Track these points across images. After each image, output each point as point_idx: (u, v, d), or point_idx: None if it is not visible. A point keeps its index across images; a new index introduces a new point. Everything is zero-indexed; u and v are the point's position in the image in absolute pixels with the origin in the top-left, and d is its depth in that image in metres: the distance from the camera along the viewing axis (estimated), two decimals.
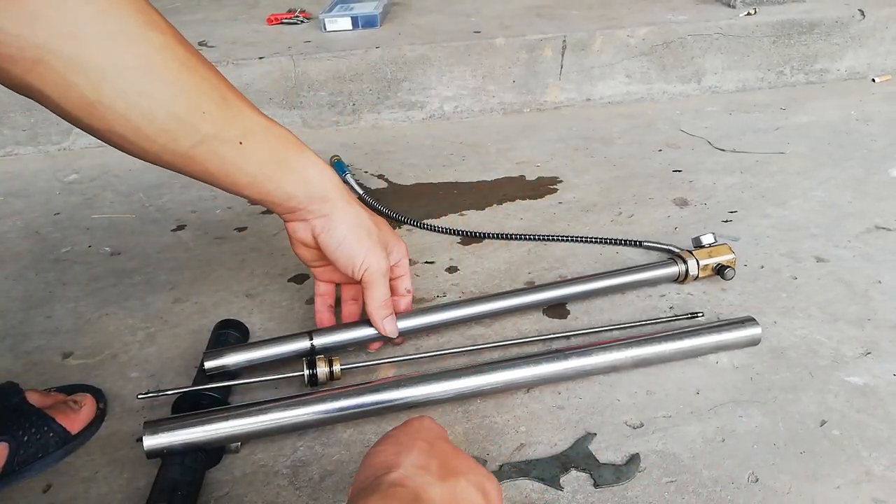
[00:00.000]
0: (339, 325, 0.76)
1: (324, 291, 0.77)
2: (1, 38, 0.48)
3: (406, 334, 0.77)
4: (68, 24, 0.49)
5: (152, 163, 0.60)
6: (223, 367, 0.70)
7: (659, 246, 0.94)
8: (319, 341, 0.73)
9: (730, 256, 0.86)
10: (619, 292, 0.85)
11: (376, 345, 0.77)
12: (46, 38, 0.49)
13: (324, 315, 0.77)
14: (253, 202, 0.74)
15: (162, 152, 0.58)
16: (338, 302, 0.78)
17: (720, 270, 0.85)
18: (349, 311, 0.77)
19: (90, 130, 0.56)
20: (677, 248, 0.90)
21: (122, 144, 0.57)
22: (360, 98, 1.40)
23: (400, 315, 0.75)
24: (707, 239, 0.87)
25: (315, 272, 0.75)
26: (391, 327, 0.73)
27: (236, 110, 0.59)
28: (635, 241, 0.95)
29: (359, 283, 0.70)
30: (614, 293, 0.85)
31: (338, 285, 0.77)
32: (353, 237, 0.67)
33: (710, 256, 0.86)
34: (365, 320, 0.74)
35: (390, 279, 0.72)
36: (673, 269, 0.85)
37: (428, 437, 0.47)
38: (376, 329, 0.73)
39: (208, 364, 0.70)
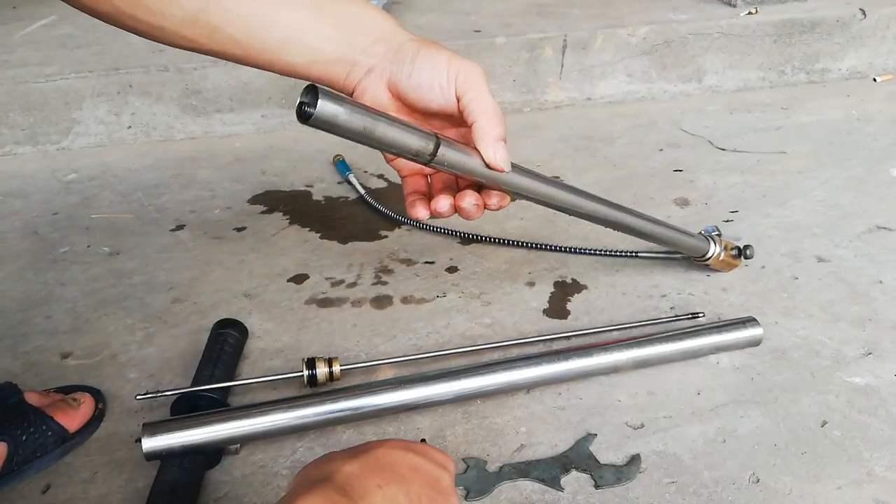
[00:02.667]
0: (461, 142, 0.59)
1: (412, 186, 0.64)
2: None
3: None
4: None
5: (171, 43, 0.55)
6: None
7: (655, 256, 0.92)
8: (443, 152, 0.56)
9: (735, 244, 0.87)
10: (652, 241, 0.80)
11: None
12: None
13: (417, 208, 0.62)
14: (299, 76, 0.60)
15: (173, 25, 0.52)
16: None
17: (743, 251, 0.86)
18: (441, 205, 0.61)
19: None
20: (678, 254, 0.89)
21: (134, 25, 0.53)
22: None
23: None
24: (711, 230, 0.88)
25: (398, 166, 0.64)
26: (503, 157, 0.58)
27: None
28: (632, 253, 0.93)
29: (457, 117, 0.58)
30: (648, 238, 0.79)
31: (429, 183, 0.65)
32: (443, 57, 0.55)
33: (726, 247, 0.86)
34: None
35: (471, 120, 0.57)
36: (704, 245, 0.84)
37: (326, 456, 0.46)
38: (486, 158, 0.58)
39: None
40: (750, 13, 1.51)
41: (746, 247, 0.86)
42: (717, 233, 0.88)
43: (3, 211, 1.12)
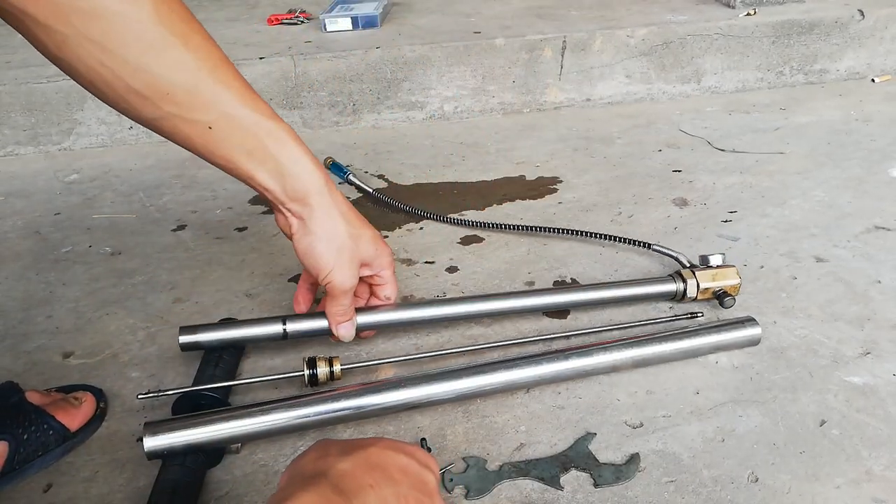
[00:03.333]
0: (314, 313, 0.75)
1: (305, 274, 0.76)
2: None
3: (389, 328, 0.78)
4: None
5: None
6: (196, 343, 0.73)
7: (668, 252, 0.90)
8: (292, 327, 0.74)
9: (734, 281, 0.82)
10: (613, 305, 0.84)
11: (367, 333, 0.78)
12: None
13: (301, 294, 0.76)
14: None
15: (128, 113, 0.58)
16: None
17: (720, 297, 0.81)
18: (304, 297, 0.76)
19: (58, 64, 0.55)
20: (686, 257, 0.87)
21: (91, 91, 0.57)
22: (361, 98, 1.40)
23: (385, 309, 0.76)
24: (715, 260, 0.83)
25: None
26: (345, 332, 0.73)
27: (212, 95, 0.58)
28: (645, 243, 0.91)
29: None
30: (610, 305, 0.84)
31: None
32: (321, 248, 0.66)
33: (714, 280, 0.82)
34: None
35: (373, 285, 0.74)
36: (670, 287, 0.82)
37: (319, 444, 0.49)
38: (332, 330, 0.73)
39: (182, 339, 0.72)
40: (748, 14, 1.51)
41: (726, 295, 0.81)
42: (718, 263, 0.83)
43: (5, 211, 1.13)
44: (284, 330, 0.74)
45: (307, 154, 0.64)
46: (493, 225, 1.01)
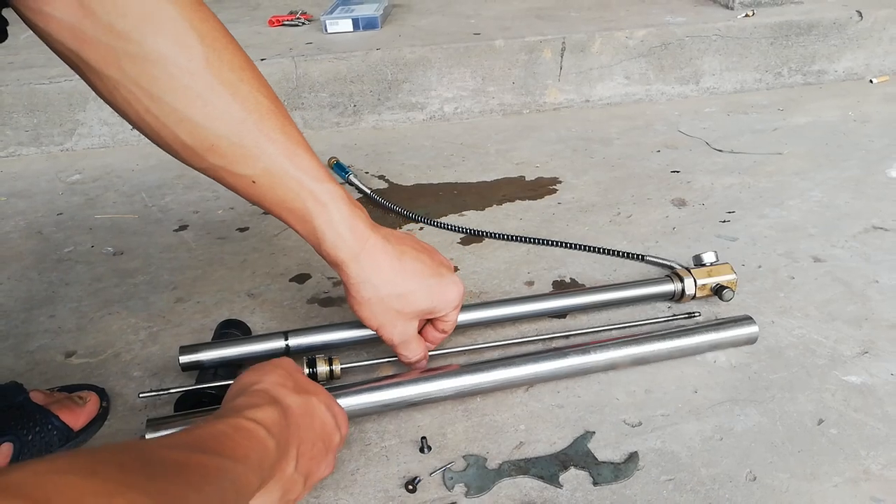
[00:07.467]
0: (314, 328, 0.76)
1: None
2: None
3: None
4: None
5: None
6: (197, 362, 0.72)
7: (660, 261, 0.92)
8: (294, 342, 0.74)
9: (730, 277, 0.82)
10: (612, 307, 0.84)
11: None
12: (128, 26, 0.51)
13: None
14: None
15: (180, 160, 0.58)
16: None
17: (718, 291, 0.82)
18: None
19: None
20: (679, 264, 0.88)
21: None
22: (361, 99, 1.41)
23: None
24: (708, 257, 0.83)
25: None
26: (419, 366, 0.72)
27: (256, 149, 0.56)
28: (638, 255, 0.93)
29: None
30: (608, 308, 0.84)
31: None
32: (363, 313, 0.65)
33: (710, 276, 0.82)
34: (338, 323, 0.76)
35: (436, 320, 0.70)
36: (668, 288, 0.83)
37: (285, 367, 0.55)
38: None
39: (182, 359, 0.71)
40: (747, 15, 1.52)
41: (724, 288, 0.81)
42: (712, 260, 0.83)
43: (7, 211, 1.13)
44: (287, 346, 0.74)
45: (346, 217, 0.61)
46: (480, 233, 1.00)
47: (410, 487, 0.61)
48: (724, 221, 1.04)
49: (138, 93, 0.53)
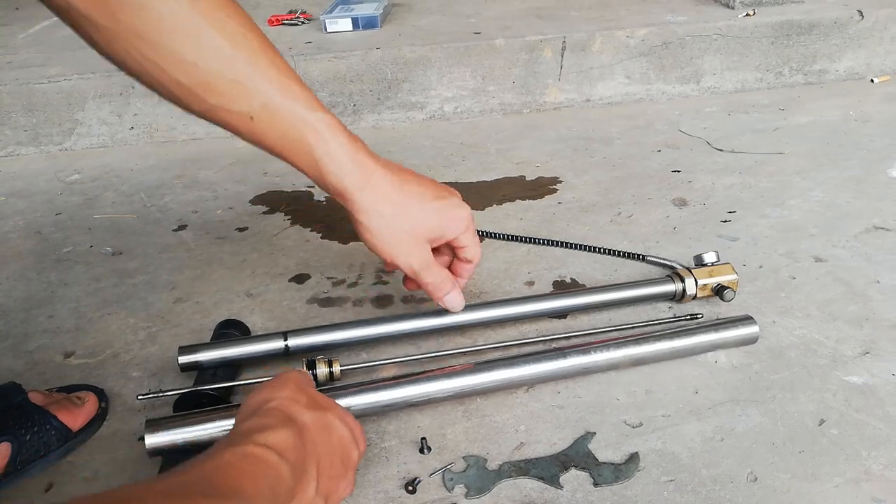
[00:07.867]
0: (314, 328, 0.76)
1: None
2: None
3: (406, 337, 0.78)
4: None
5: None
6: (197, 362, 0.72)
7: (661, 261, 0.92)
8: (294, 342, 0.74)
9: (731, 277, 0.82)
10: (613, 307, 0.84)
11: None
12: None
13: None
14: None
15: (181, 106, 0.58)
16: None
17: (719, 291, 0.81)
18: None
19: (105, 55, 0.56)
20: (680, 264, 0.88)
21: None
22: (361, 99, 1.40)
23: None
24: (709, 257, 0.83)
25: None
26: (451, 303, 0.72)
27: (251, 84, 0.57)
28: (639, 255, 0.93)
29: None
30: (609, 308, 0.84)
31: None
32: (374, 241, 0.65)
33: (711, 276, 0.82)
34: (337, 324, 0.76)
35: (455, 247, 0.71)
36: (669, 288, 0.83)
37: (296, 382, 0.54)
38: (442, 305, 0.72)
39: (181, 359, 0.71)
40: (748, 15, 1.51)
41: (724, 288, 0.81)
42: (713, 260, 0.83)
43: (6, 211, 1.13)
44: (286, 346, 0.74)
45: (346, 146, 0.62)
46: (480, 232, 0.99)
47: (410, 488, 0.61)
48: (725, 221, 1.03)
49: (135, 41, 0.53)
